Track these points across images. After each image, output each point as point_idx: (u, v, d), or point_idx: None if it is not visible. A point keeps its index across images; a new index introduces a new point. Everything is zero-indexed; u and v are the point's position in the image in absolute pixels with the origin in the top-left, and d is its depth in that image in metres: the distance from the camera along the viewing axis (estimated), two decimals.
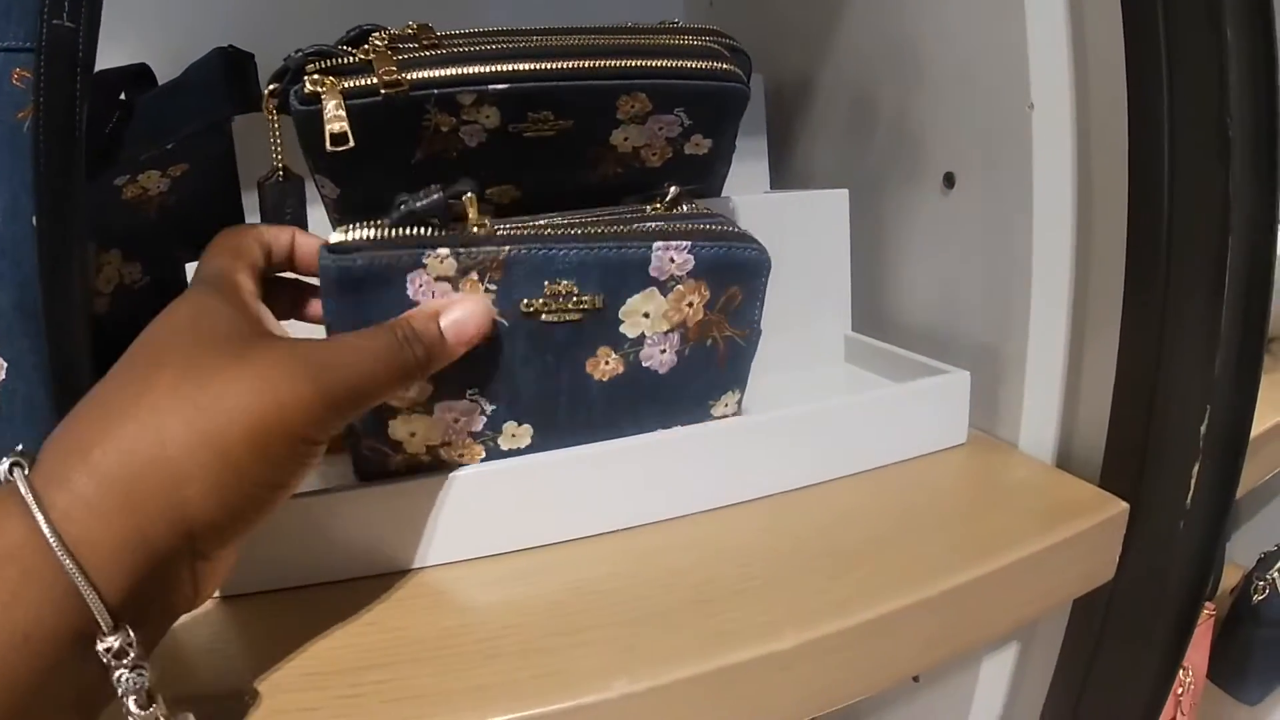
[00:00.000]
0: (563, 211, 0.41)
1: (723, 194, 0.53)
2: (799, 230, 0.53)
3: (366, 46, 0.40)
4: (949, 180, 0.51)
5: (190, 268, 0.44)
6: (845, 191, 0.55)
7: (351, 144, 0.39)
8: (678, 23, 0.50)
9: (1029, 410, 0.49)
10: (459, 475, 0.38)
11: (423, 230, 0.36)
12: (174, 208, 0.55)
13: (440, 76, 0.40)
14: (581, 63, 0.41)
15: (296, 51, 0.40)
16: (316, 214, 0.47)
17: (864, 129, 0.59)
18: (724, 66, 0.44)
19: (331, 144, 0.38)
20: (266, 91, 0.41)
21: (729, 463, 0.42)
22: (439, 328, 0.33)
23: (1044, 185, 0.46)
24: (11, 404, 0.39)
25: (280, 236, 0.37)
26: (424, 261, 0.35)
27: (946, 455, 0.48)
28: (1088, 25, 0.45)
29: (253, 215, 0.56)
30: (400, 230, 0.36)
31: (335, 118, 0.38)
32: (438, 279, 0.35)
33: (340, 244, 0.35)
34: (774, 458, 0.43)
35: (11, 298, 0.38)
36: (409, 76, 0.39)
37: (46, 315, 0.39)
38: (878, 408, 0.45)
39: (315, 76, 0.39)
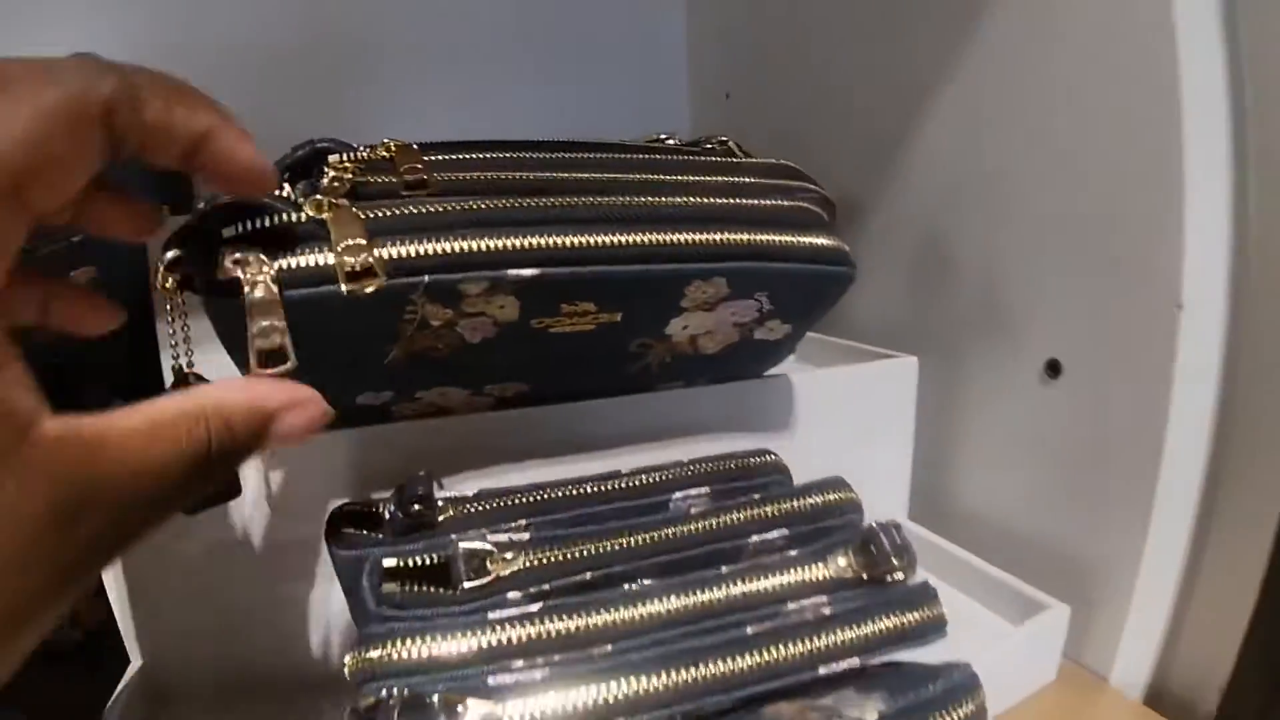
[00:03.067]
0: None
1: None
2: (857, 400, 0.44)
3: (319, 197, 0.27)
4: (1054, 369, 0.42)
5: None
6: (914, 361, 0.45)
7: (291, 364, 0.26)
8: (727, 142, 0.40)
9: (1127, 644, 0.41)
10: None
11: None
12: None
13: (434, 255, 0.27)
14: (644, 236, 0.30)
15: (204, 203, 0.26)
16: None
17: (936, 281, 0.50)
18: (829, 244, 0.34)
19: (259, 363, 0.26)
20: (162, 264, 0.26)
21: None
22: (267, 433, 0.21)
23: (1184, 399, 0.37)
24: None
25: (177, 120, 0.20)
26: None
27: (1033, 700, 0.40)
28: (1253, 212, 0.36)
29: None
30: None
31: (267, 327, 0.26)
32: None
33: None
34: None
35: None
36: (385, 254, 0.27)
37: None
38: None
39: (238, 255, 0.25)
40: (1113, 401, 0.40)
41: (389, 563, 0.27)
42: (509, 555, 0.27)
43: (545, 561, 0.27)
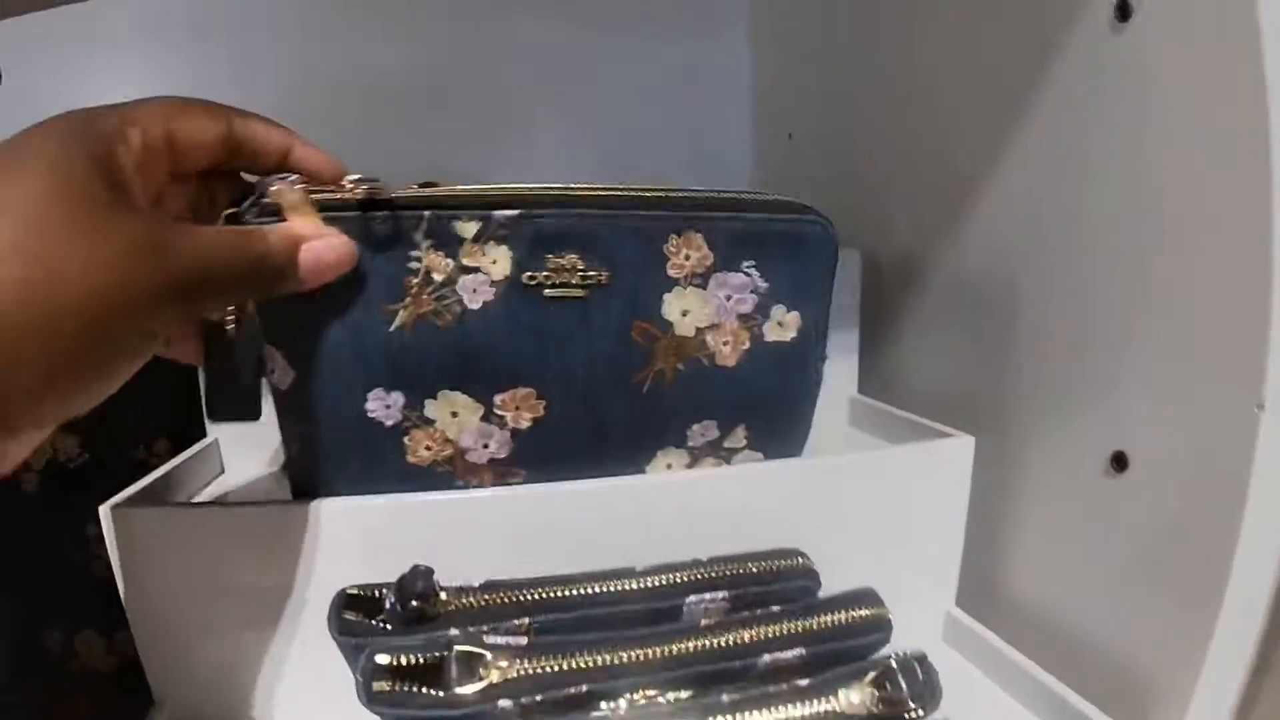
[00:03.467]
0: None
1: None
2: (906, 483, 0.41)
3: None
4: (1119, 462, 0.39)
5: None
6: (970, 441, 0.42)
7: None
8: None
9: None
10: None
11: None
12: None
13: (433, 195, 0.33)
14: (618, 190, 0.35)
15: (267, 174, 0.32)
16: None
17: (998, 351, 0.46)
18: (797, 202, 0.37)
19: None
20: (223, 215, 0.32)
21: None
22: (298, 255, 0.30)
23: (1259, 506, 0.34)
24: None
25: (267, 137, 0.31)
26: None
27: None
28: None
29: None
30: None
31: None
32: None
33: None
34: None
35: None
36: (391, 194, 0.32)
37: None
38: None
39: (276, 185, 0.31)
40: (1181, 503, 0.36)
41: (382, 659, 0.27)
42: (504, 662, 0.26)
43: (540, 671, 0.26)
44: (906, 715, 0.26)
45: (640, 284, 0.35)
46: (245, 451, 0.47)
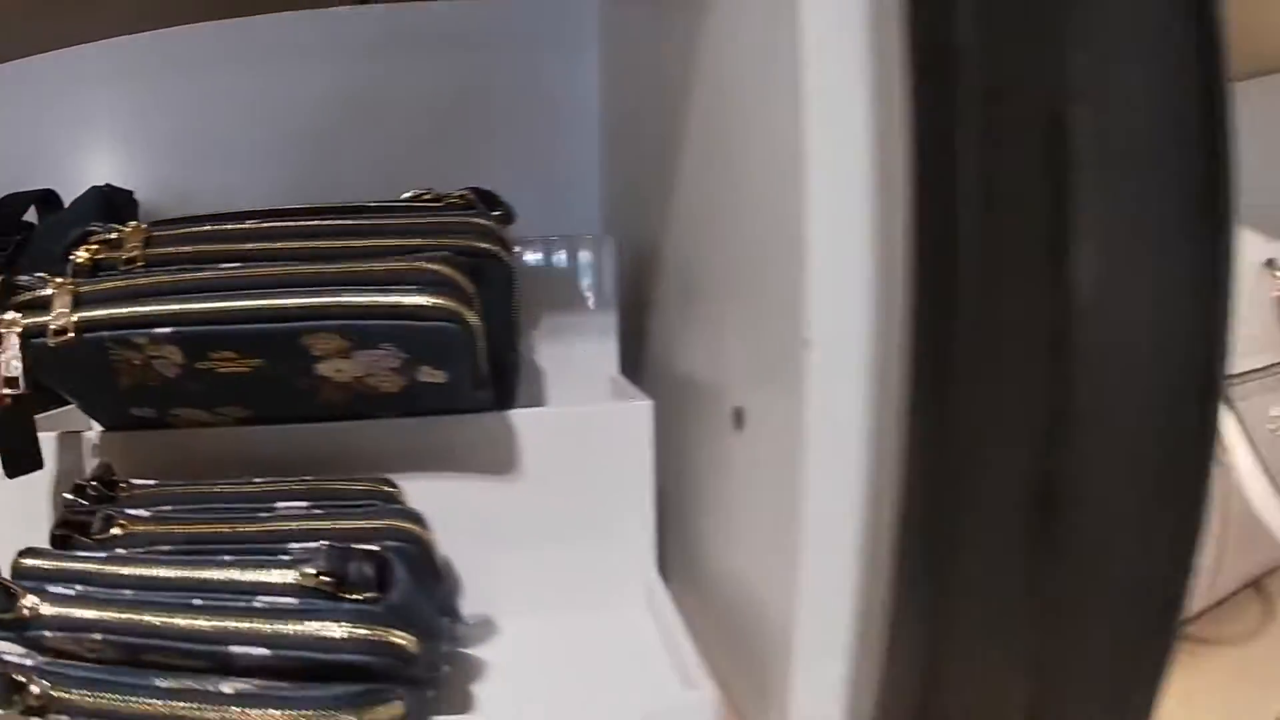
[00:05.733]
0: None
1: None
2: (589, 443, 0.46)
3: (58, 280, 0.41)
4: (738, 418, 0.41)
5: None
6: (648, 405, 0.46)
7: (21, 390, 0.40)
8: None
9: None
10: None
11: None
12: None
13: (107, 317, 0.40)
14: (255, 303, 0.39)
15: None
16: None
17: (684, 325, 0.50)
18: (432, 303, 0.39)
19: (5, 385, 0.40)
20: None
21: None
22: None
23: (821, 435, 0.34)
24: None
25: None
26: None
27: None
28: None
29: None
30: None
31: (10, 362, 0.40)
32: None
33: None
34: None
35: None
36: (76, 318, 0.39)
37: None
38: None
39: (7, 318, 0.40)
40: (778, 445, 0.37)
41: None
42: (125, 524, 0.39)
43: (153, 530, 0.39)
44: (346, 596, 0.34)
45: (291, 363, 0.41)
46: None
